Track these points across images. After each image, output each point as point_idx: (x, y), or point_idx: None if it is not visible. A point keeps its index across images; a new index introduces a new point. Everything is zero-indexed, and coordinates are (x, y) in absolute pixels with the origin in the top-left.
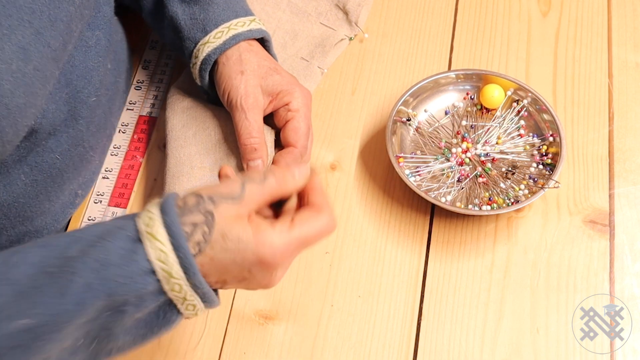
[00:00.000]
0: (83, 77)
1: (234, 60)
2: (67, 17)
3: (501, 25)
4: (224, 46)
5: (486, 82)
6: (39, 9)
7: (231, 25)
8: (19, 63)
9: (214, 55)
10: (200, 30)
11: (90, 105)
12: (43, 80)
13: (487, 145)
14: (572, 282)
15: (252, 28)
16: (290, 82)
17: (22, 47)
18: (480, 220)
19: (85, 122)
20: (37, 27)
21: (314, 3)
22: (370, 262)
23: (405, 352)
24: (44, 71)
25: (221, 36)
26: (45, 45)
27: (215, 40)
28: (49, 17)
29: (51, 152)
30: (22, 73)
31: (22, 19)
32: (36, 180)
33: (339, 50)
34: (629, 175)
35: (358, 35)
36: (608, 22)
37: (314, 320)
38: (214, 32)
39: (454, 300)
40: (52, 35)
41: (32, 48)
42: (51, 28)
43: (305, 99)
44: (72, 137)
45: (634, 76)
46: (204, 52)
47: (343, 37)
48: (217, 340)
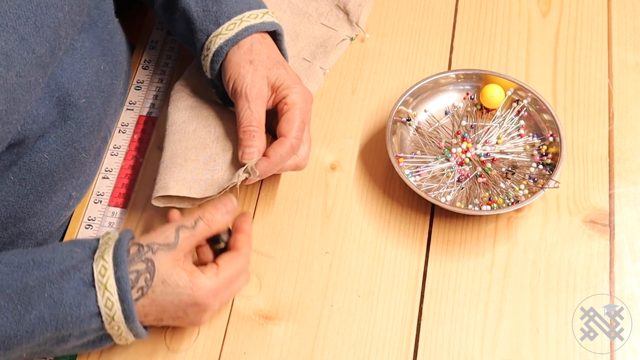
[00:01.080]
0: (72, 79)
1: (244, 49)
2: (55, 23)
3: (501, 25)
4: (236, 38)
5: (486, 82)
6: (25, 15)
7: (244, 17)
8: (0, 69)
9: (226, 47)
10: (213, 23)
11: (80, 107)
12: (26, 87)
13: (487, 145)
14: (572, 282)
15: (265, 21)
16: (293, 79)
17: (5, 53)
18: (480, 220)
19: (74, 124)
20: (22, 33)
21: (314, 4)
22: (370, 262)
23: (405, 352)
24: (28, 77)
25: (234, 28)
26: (29, 51)
27: (227, 32)
28: (35, 23)
29: (39, 151)
30: (3, 79)
31: (5, 24)
32: (25, 179)
33: (340, 51)
34: (629, 175)
35: (359, 35)
36: (608, 22)
37: (314, 320)
38: (226, 24)
39: (454, 300)
40: (38, 42)
41: (15, 54)
42: (37, 34)
43: (304, 95)
44: (61, 137)
45: (634, 76)
46: (217, 44)
47: (344, 37)
48: (217, 340)
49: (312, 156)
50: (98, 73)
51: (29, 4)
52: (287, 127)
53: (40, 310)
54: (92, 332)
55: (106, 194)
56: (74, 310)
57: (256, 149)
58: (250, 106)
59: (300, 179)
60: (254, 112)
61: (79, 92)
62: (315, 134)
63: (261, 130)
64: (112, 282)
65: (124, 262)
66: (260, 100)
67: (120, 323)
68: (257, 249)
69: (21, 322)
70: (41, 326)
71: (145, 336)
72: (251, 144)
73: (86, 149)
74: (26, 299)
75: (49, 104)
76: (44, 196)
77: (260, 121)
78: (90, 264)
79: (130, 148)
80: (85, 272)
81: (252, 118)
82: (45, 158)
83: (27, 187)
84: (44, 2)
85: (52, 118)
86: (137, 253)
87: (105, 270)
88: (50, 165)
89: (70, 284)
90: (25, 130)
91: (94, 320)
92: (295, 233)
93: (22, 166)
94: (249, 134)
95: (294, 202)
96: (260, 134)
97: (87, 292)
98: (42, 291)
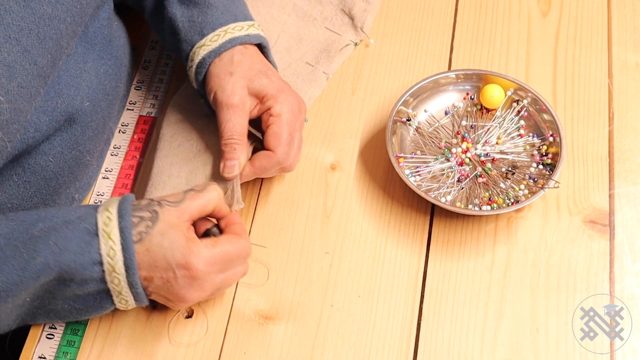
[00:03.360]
0: (70, 84)
1: (225, 61)
2: (57, 35)
3: (501, 25)
4: (219, 49)
5: (486, 82)
6: (28, 27)
7: (228, 29)
8: (2, 80)
9: (209, 59)
10: (198, 33)
11: (85, 110)
12: (28, 97)
13: (487, 145)
14: (572, 282)
15: (250, 33)
16: (279, 87)
17: (7, 64)
18: (480, 220)
19: (80, 127)
20: (25, 45)
21: (320, 7)
22: (370, 262)
23: (405, 352)
24: (29, 88)
25: (217, 39)
26: (31, 62)
27: (211, 43)
28: (38, 35)
29: (44, 155)
30: (5, 90)
31: (9, 36)
32: (29, 181)
33: (344, 56)
34: (629, 175)
35: (364, 40)
36: (608, 22)
37: (314, 320)
38: (210, 35)
39: (454, 300)
40: (40, 53)
41: (18, 65)
42: (39, 46)
43: (291, 105)
44: (66, 140)
45: (634, 76)
46: (200, 55)
47: (348, 42)
48: (217, 340)
49: (312, 156)
50: (99, 76)
51: (32, 16)
52: (274, 142)
53: (45, 256)
54: (93, 282)
55: (106, 194)
56: (77, 256)
57: (237, 162)
58: (231, 118)
59: (300, 179)
60: (235, 124)
61: (81, 96)
62: (315, 134)
63: (242, 142)
64: (116, 232)
65: (128, 213)
66: (241, 111)
67: (120, 275)
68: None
69: (26, 268)
70: (46, 272)
71: (146, 302)
72: (232, 157)
73: (90, 152)
74: (32, 246)
75: (51, 112)
76: (47, 199)
77: (242, 133)
78: (95, 215)
79: (130, 148)
80: (89, 222)
81: (234, 131)
82: (50, 161)
83: (31, 189)
84: (47, 15)
85: (56, 125)
86: (147, 205)
87: (109, 221)
88: (55, 168)
89: (74, 233)
90: (28, 139)
91: (95, 269)
92: (295, 233)
93: (27, 169)
94: (231, 147)
95: (294, 202)
96: (241, 146)
97: (90, 240)
98: (47, 239)
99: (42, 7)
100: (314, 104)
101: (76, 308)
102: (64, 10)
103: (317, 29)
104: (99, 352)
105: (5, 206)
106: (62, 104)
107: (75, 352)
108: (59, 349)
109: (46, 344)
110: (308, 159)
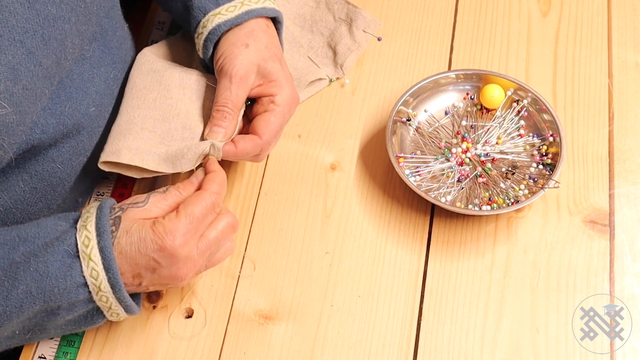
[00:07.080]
0: (80, 89)
1: (245, 32)
2: (62, 35)
3: (501, 25)
4: (235, 20)
5: (486, 82)
6: (32, 29)
7: (245, 0)
8: (7, 83)
9: (224, 27)
10: (212, 2)
11: (91, 115)
12: (33, 98)
13: (487, 145)
14: (572, 282)
15: (265, 6)
16: (287, 77)
17: (12, 67)
18: (480, 220)
19: (87, 133)
20: (30, 46)
21: (310, 36)
22: (370, 262)
23: (405, 352)
24: (34, 90)
25: (234, 10)
26: (36, 64)
27: (227, 13)
28: (42, 37)
29: (52, 161)
30: (10, 93)
31: (13, 39)
32: (35, 188)
33: (315, 89)
34: (629, 175)
35: (340, 79)
36: (608, 22)
37: (314, 320)
38: (226, 5)
39: (454, 300)
40: (45, 55)
41: (23, 68)
42: (44, 47)
43: (291, 100)
44: (74, 147)
45: (634, 76)
46: (214, 22)
47: (324, 77)
48: (217, 340)
49: (312, 156)
50: (107, 81)
51: (36, 17)
52: (264, 128)
53: (27, 284)
54: (81, 304)
55: (106, 194)
56: (60, 282)
57: (224, 131)
58: (231, 87)
59: (300, 179)
60: (233, 94)
61: (88, 101)
62: (315, 134)
63: (234, 113)
64: (96, 252)
65: (106, 231)
66: (243, 85)
67: (107, 294)
68: (252, 243)
69: (9, 297)
70: (29, 300)
71: (138, 311)
72: (220, 124)
73: (96, 157)
74: (12, 274)
75: (60, 115)
76: (52, 204)
77: (237, 104)
78: (74, 234)
79: None
80: (68, 243)
81: (229, 99)
82: (58, 168)
83: (37, 195)
84: (51, 15)
85: (65, 128)
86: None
87: (88, 241)
88: (61, 174)
89: (54, 256)
90: (34, 140)
91: (81, 291)
92: (295, 233)
93: (34, 175)
94: (222, 114)
95: (294, 202)
96: (232, 117)
97: (72, 264)
98: (28, 265)
99: (46, 8)
100: (314, 103)
101: (69, 329)
102: (68, 10)
103: (299, 55)
104: (98, 352)
105: (10, 211)
106: (70, 108)
107: (75, 352)
108: (59, 349)
109: (46, 344)
110: (308, 159)
